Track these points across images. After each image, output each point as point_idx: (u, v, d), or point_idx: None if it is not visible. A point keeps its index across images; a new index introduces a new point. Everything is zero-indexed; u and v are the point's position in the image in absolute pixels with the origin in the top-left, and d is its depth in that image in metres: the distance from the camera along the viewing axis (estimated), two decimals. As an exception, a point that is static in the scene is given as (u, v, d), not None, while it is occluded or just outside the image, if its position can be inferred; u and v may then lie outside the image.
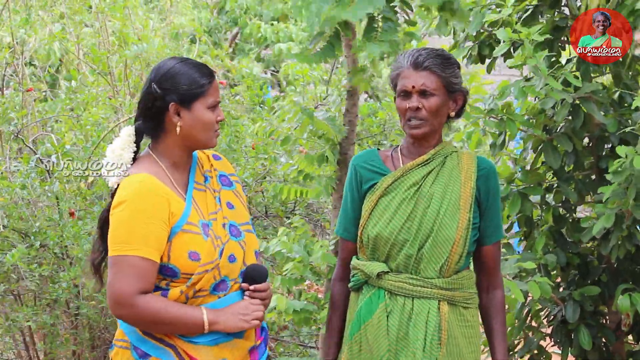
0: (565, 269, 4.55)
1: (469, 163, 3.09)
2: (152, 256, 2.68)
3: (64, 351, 5.28)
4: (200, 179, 2.90)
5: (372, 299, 3.04)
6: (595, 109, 4.21)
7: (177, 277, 2.74)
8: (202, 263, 2.72)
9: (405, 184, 3.05)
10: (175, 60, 2.86)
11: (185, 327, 2.72)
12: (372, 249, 3.06)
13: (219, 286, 2.78)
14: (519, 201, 4.35)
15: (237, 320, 2.76)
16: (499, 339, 3.11)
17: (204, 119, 2.81)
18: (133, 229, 2.68)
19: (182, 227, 2.73)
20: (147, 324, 2.71)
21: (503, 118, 4.20)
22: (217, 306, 2.77)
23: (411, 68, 3.02)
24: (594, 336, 4.41)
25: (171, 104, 2.79)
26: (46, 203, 5.20)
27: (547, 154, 4.39)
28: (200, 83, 2.80)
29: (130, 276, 2.66)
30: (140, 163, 2.83)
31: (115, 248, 2.70)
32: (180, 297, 2.73)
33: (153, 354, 2.75)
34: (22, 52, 6.17)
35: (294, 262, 4.31)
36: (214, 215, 2.83)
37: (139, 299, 2.67)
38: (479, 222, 3.08)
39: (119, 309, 2.68)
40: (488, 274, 3.15)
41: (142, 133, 2.86)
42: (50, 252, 5.05)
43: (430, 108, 3.01)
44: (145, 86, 2.84)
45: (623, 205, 3.94)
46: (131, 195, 2.71)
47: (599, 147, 4.52)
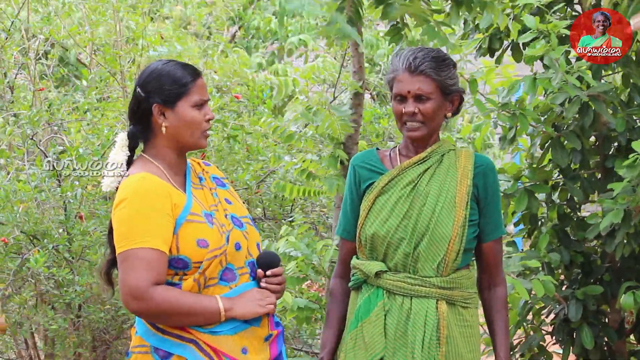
0: (568, 267, 4.55)
1: (466, 160, 3.09)
2: (160, 246, 2.68)
3: (64, 352, 5.30)
4: (195, 180, 2.91)
5: (371, 297, 3.05)
6: (604, 108, 4.21)
7: (189, 267, 2.73)
8: (211, 249, 2.73)
9: (402, 183, 3.06)
10: (160, 62, 2.87)
11: (202, 315, 2.71)
12: (370, 248, 3.07)
13: (225, 275, 2.78)
14: (525, 198, 4.36)
15: (253, 306, 2.76)
16: (501, 337, 3.10)
17: (188, 118, 2.81)
18: (137, 223, 2.68)
19: (186, 217, 2.74)
20: (164, 315, 2.69)
21: (515, 113, 4.20)
22: (230, 296, 2.77)
23: (406, 72, 3.02)
24: (596, 335, 4.40)
25: (154, 105, 2.80)
26: (52, 205, 5.25)
27: (555, 151, 4.39)
28: (182, 82, 2.80)
29: (142, 269, 2.65)
30: (136, 165, 2.85)
31: (122, 244, 2.69)
32: (194, 287, 2.73)
33: (175, 351, 2.73)
34: (36, 50, 6.21)
35: (297, 261, 4.33)
36: (214, 207, 2.85)
37: (154, 290, 2.65)
38: (479, 219, 3.08)
39: (135, 303, 2.66)
40: (489, 271, 3.15)
41: (135, 138, 2.88)
42: (60, 255, 5.09)
43: (426, 112, 3.01)
44: (133, 91, 2.87)
45: (632, 201, 3.94)
46: (131, 192, 2.72)
47: (606, 146, 4.52)
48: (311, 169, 4.49)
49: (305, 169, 4.49)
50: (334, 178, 4.30)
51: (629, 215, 4.04)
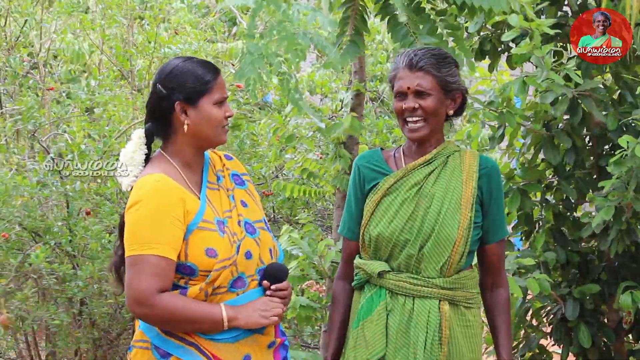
0: (565, 267, 4.57)
1: (470, 162, 3.10)
2: (170, 254, 2.69)
3: (66, 348, 5.31)
4: (213, 179, 2.91)
5: (374, 297, 3.06)
6: (594, 107, 4.23)
7: (195, 275, 2.74)
8: (220, 259, 2.73)
9: (407, 184, 3.07)
10: (180, 59, 2.87)
11: (205, 324, 2.72)
12: (374, 249, 3.08)
13: (236, 283, 2.79)
14: (518, 198, 4.37)
15: (257, 317, 2.77)
16: (504, 338, 3.12)
17: (211, 116, 2.81)
18: (149, 228, 2.69)
19: (197, 224, 2.74)
20: (167, 322, 2.71)
21: (503, 112, 4.22)
22: (236, 303, 2.78)
23: (406, 69, 3.03)
24: (593, 334, 4.42)
25: (177, 102, 2.80)
26: (55, 202, 5.26)
27: (547, 150, 4.41)
28: (204, 80, 2.80)
29: (149, 275, 2.67)
30: (153, 164, 2.84)
31: (132, 248, 2.70)
32: (200, 295, 2.74)
33: (175, 353, 2.75)
34: (48, 50, 6.22)
35: (299, 260, 4.34)
36: (228, 213, 2.84)
37: (159, 297, 2.67)
38: (482, 221, 3.09)
39: (139, 308, 2.69)
40: (492, 272, 3.16)
41: (153, 135, 2.87)
42: (62, 250, 5.10)
43: (426, 108, 3.02)
44: (152, 88, 2.86)
45: (623, 198, 3.96)
46: (146, 194, 2.72)
47: (599, 145, 4.54)
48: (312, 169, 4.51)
49: (305, 168, 4.51)
50: (343, 176, 4.32)
51: (621, 212, 4.07)
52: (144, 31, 6.41)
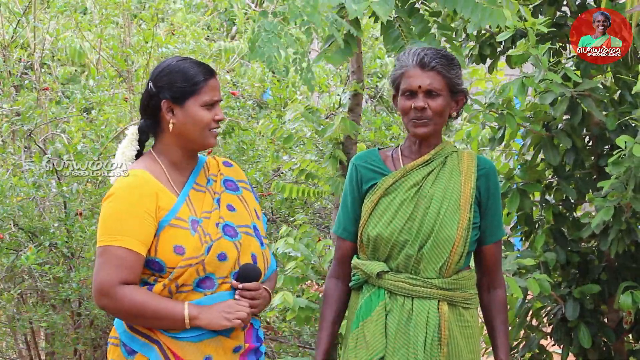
0: (565, 267, 4.57)
1: (469, 163, 3.10)
2: (137, 248, 2.71)
3: (63, 349, 5.31)
4: (202, 181, 2.90)
5: (372, 298, 3.05)
6: (594, 107, 4.22)
7: (164, 271, 2.75)
8: (186, 257, 2.73)
9: (406, 185, 3.06)
10: (176, 58, 2.87)
11: (166, 320, 2.72)
12: (372, 249, 3.07)
13: (203, 283, 2.78)
14: (517, 198, 4.37)
15: (219, 318, 2.75)
16: (501, 338, 3.12)
17: (196, 117, 2.80)
18: (118, 220, 2.71)
19: (169, 221, 2.75)
20: (128, 315, 2.73)
21: (503, 113, 4.21)
22: (202, 303, 2.77)
23: (417, 68, 3.01)
24: (593, 335, 4.42)
25: (164, 101, 2.81)
26: (52, 202, 5.25)
27: (547, 150, 4.41)
28: (194, 80, 2.80)
29: (114, 266, 2.69)
30: (140, 161, 2.87)
31: (101, 239, 2.73)
32: (163, 291, 2.74)
33: (139, 350, 2.77)
34: (42, 50, 6.20)
35: (297, 261, 4.33)
36: (207, 214, 2.83)
37: (120, 289, 2.69)
38: (480, 221, 3.09)
39: (100, 299, 2.71)
40: (489, 273, 3.16)
41: (146, 132, 2.89)
42: (58, 251, 5.09)
43: (435, 108, 3.01)
44: (146, 86, 2.87)
45: (622, 198, 3.96)
46: (120, 188, 2.75)
47: (599, 145, 4.54)
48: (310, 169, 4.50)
49: (304, 169, 4.50)
50: (338, 179, 4.31)
51: (621, 212, 4.06)
52: (141, 31, 6.39)
